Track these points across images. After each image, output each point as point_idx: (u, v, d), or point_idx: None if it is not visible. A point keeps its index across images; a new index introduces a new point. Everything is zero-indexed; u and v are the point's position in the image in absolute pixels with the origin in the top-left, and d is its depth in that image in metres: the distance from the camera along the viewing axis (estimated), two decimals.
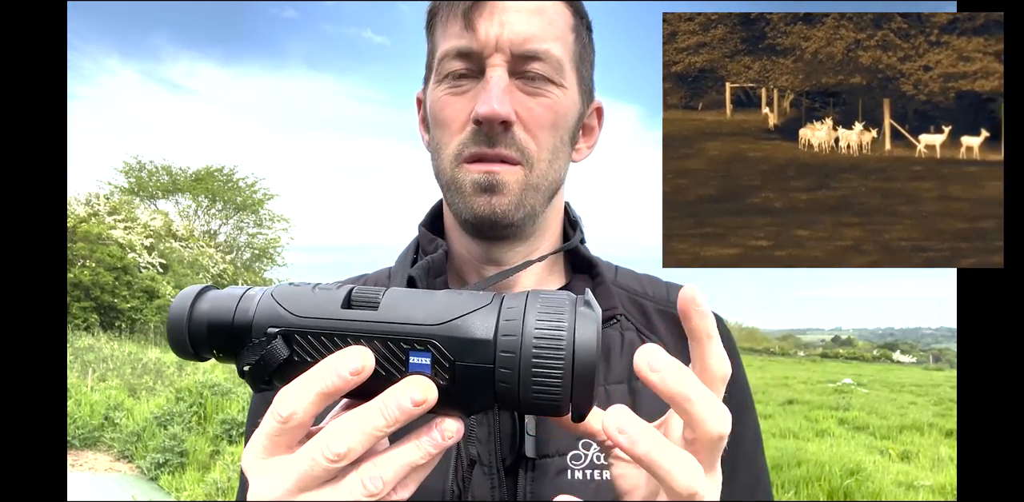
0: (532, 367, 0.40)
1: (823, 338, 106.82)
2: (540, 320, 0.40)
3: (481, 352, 0.40)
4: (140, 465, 6.62)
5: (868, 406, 12.79)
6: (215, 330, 0.45)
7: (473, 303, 0.42)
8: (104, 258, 18.28)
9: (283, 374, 0.43)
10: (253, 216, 33.52)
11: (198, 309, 0.45)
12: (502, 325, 0.41)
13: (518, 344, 0.40)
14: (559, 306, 0.41)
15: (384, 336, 0.41)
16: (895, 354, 43.00)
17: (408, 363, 0.41)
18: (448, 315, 0.41)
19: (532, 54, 0.66)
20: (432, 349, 0.41)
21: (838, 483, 6.53)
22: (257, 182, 33.36)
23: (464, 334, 0.41)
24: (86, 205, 20.82)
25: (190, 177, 32.29)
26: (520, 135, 0.67)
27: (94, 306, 17.85)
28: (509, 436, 0.65)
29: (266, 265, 33.73)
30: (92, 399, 8.51)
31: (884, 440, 9.57)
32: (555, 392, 0.40)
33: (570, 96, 0.70)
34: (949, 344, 77.79)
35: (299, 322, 0.42)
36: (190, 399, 8.05)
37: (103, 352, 13.43)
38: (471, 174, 0.67)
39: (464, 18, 0.66)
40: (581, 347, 0.40)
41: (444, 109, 0.69)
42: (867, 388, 17.49)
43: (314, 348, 0.42)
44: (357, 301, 0.43)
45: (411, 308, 0.42)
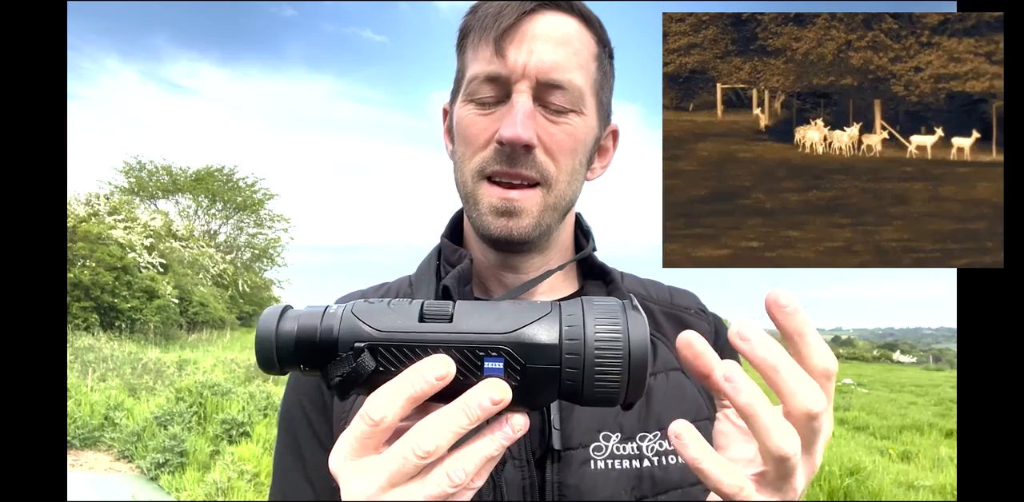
0: (595, 366, 0.46)
1: (823, 338, 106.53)
2: (599, 325, 0.47)
3: (548, 355, 0.46)
4: (140, 465, 6.62)
5: (868, 406, 12.79)
6: (302, 346, 0.49)
7: (536, 312, 0.48)
8: (104, 258, 18.28)
9: (369, 384, 0.48)
10: (253, 216, 33.54)
11: (283, 327, 0.50)
12: (565, 331, 0.47)
13: (581, 347, 0.46)
14: (613, 312, 0.47)
15: (460, 345, 0.47)
16: (895, 354, 43.01)
17: (483, 368, 0.47)
18: (516, 324, 0.47)
19: (556, 83, 0.71)
20: (504, 355, 0.47)
21: (838, 483, 6.53)
22: (257, 182, 33.39)
23: (532, 340, 0.47)
24: (86, 205, 20.81)
25: (190, 177, 32.30)
26: (541, 158, 0.72)
27: (94, 306, 17.85)
28: (537, 431, 0.70)
29: (266, 265, 33.76)
30: (92, 399, 8.51)
31: (884, 440, 9.57)
32: (614, 386, 0.46)
33: (588, 122, 0.75)
34: (949, 344, 77.79)
35: (382, 336, 0.48)
36: (190, 399, 8.05)
37: (103, 352, 13.43)
38: (489, 197, 0.73)
39: (495, 44, 0.70)
40: (635, 347, 0.46)
41: (470, 127, 0.74)
42: (867, 388, 17.49)
43: (398, 359, 0.47)
44: (431, 315, 0.48)
45: (481, 319, 0.48)
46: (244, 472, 5.79)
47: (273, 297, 33.20)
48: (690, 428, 0.47)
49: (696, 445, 0.46)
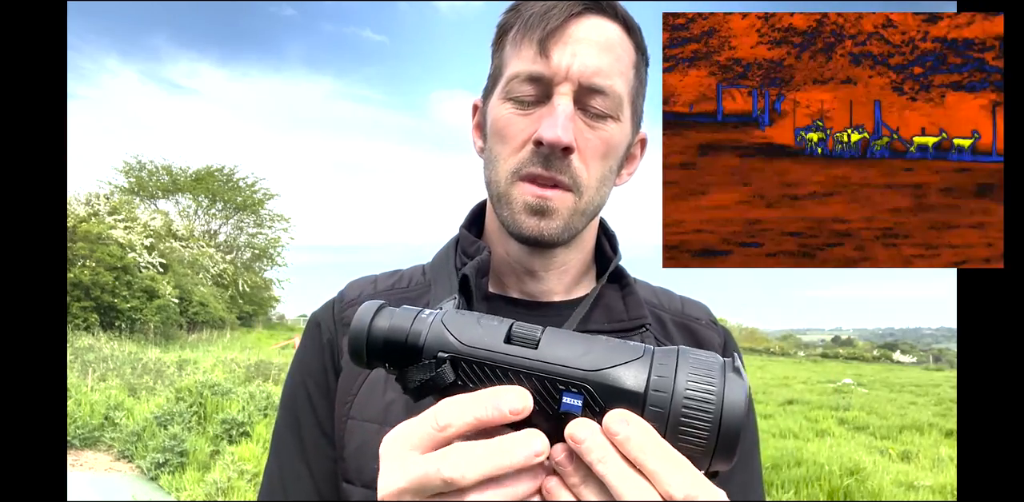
0: (679, 425, 0.43)
1: (823, 338, 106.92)
2: (691, 381, 0.44)
3: (630, 402, 0.44)
4: (140, 465, 6.62)
5: (868, 406, 12.79)
6: (390, 346, 0.49)
7: (627, 354, 0.46)
8: (104, 258, 18.28)
9: (444, 394, 0.48)
10: (253, 216, 33.54)
11: (376, 325, 0.50)
12: (653, 380, 0.44)
13: (667, 401, 0.43)
14: (710, 369, 0.44)
15: (541, 375, 0.45)
16: (895, 354, 43.02)
17: (561, 402, 0.45)
18: (603, 363, 0.45)
19: (598, 88, 0.70)
20: (585, 393, 0.45)
21: (838, 483, 6.53)
22: (257, 182, 33.39)
23: (617, 383, 0.44)
24: (86, 205, 20.81)
25: (190, 177, 32.30)
26: (576, 163, 0.71)
27: (94, 306, 17.85)
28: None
29: (266, 265, 33.77)
30: (92, 399, 8.50)
31: (884, 440, 9.57)
32: (697, 451, 0.43)
33: (624, 129, 0.75)
34: (949, 344, 77.82)
35: (466, 350, 0.47)
36: (190, 399, 8.05)
37: (103, 352, 13.42)
38: (524, 195, 0.72)
39: (540, 45, 0.70)
40: (729, 411, 0.42)
41: (508, 126, 0.73)
42: (867, 388, 17.49)
43: (477, 376, 0.47)
44: (518, 338, 0.47)
45: (567, 351, 0.46)
46: (244, 472, 5.79)
47: (273, 297, 33.24)
48: (593, 428, 0.45)
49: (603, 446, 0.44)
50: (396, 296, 0.82)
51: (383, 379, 0.74)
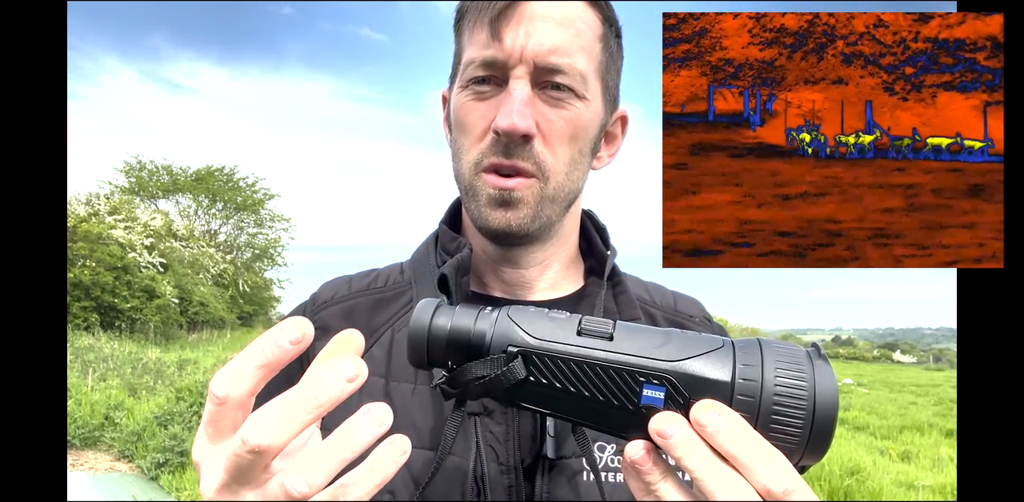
0: (772, 414, 0.41)
1: (823, 338, 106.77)
2: (781, 369, 0.42)
3: (717, 392, 0.42)
4: (140, 465, 6.62)
5: (868, 406, 12.78)
6: (454, 344, 0.47)
7: (707, 345, 0.44)
8: (104, 258, 18.26)
9: (512, 393, 0.45)
10: (253, 216, 33.49)
11: (437, 323, 0.47)
12: (740, 369, 0.42)
13: (757, 390, 0.41)
14: (796, 357, 0.43)
15: (620, 367, 0.43)
16: (895, 354, 42.96)
17: (641, 396, 0.43)
18: (682, 354, 0.43)
19: (555, 67, 0.66)
20: (667, 384, 0.42)
21: (838, 483, 6.53)
22: (257, 182, 33.34)
23: (701, 373, 0.42)
24: (86, 205, 20.79)
25: (190, 177, 32.25)
26: (538, 148, 0.67)
27: (94, 306, 17.84)
28: (529, 437, 0.66)
29: (266, 265, 33.72)
30: (92, 399, 8.50)
31: (884, 440, 9.56)
32: (791, 441, 0.41)
33: (592, 108, 0.71)
34: (949, 344, 77.69)
35: (538, 344, 0.45)
36: (190, 399, 8.04)
37: (103, 352, 13.42)
38: (487, 188, 0.68)
39: (491, 26, 0.66)
40: (823, 401, 0.41)
41: (467, 115, 0.70)
42: (867, 388, 17.47)
43: (551, 371, 0.44)
44: (589, 331, 0.45)
45: (644, 343, 0.44)
46: None
47: (273, 297, 33.19)
48: (681, 422, 0.42)
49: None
50: (372, 296, 0.78)
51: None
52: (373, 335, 0.74)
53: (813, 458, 0.42)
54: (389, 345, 0.73)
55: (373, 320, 0.75)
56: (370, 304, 0.77)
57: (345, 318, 0.75)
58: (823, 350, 0.44)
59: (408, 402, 0.68)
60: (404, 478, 0.64)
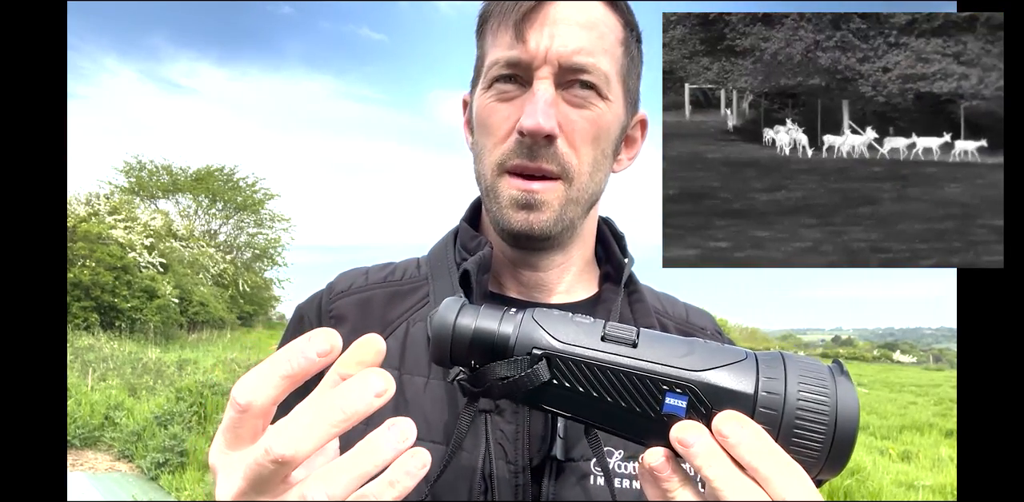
0: (793, 429, 0.41)
1: (823, 338, 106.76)
2: (804, 384, 0.42)
3: (739, 404, 0.42)
4: (140, 465, 6.62)
5: (868, 406, 12.78)
6: (477, 344, 0.47)
7: (731, 356, 0.44)
8: (104, 258, 18.26)
9: (534, 395, 0.46)
10: (253, 216, 33.50)
11: (461, 323, 0.48)
12: (763, 382, 0.42)
13: (780, 404, 0.42)
14: (819, 372, 0.43)
15: (644, 374, 0.44)
16: (895, 354, 42.98)
17: (663, 404, 0.43)
18: (708, 364, 0.44)
19: (579, 67, 0.67)
20: (690, 394, 0.43)
21: (838, 483, 6.53)
22: (257, 182, 33.34)
23: (724, 384, 0.43)
24: (86, 205, 20.79)
25: (190, 177, 32.26)
26: (562, 149, 0.68)
27: (94, 306, 17.84)
28: (539, 438, 0.66)
29: (266, 265, 33.72)
30: (92, 399, 8.50)
31: (884, 440, 9.56)
32: (812, 456, 0.41)
33: (614, 109, 0.71)
34: (949, 344, 77.70)
35: (563, 348, 0.45)
36: (190, 399, 8.04)
37: (103, 352, 13.42)
38: (510, 189, 0.68)
39: (515, 28, 0.66)
40: (845, 417, 0.41)
41: (490, 116, 0.70)
42: (867, 388, 17.47)
43: (574, 375, 0.45)
44: (614, 337, 0.46)
45: (669, 351, 0.45)
46: None
47: (273, 297, 33.22)
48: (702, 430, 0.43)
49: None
50: (388, 289, 0.78)
51: None
52: (388, 328, 0.74)
53: (831, 473, 0.42)
54: (403, 338, 0.73)
55: (388, 313, 0.76)
56: (386, 296, 0.77)
57: (360, 309, 0.76)
58: (845, 366, 0.44)
59: (420, 395, 0.69)
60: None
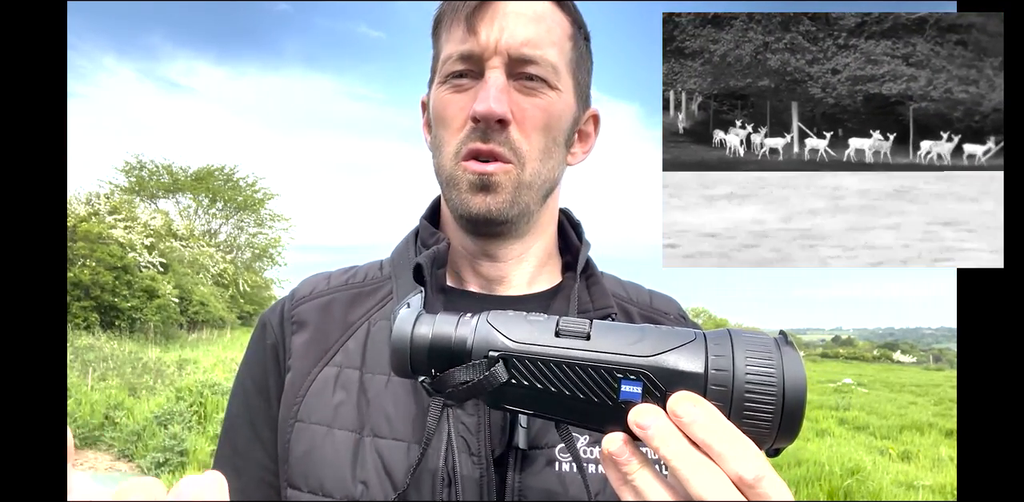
0: (744, 402, 0.43)
1: (823, 338, 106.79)
2: (751, 358, 0.44)
3: (691, 385, 0.44)
4: (140, 464, 6.63)
5: (868, 406, 12.79)
6: (436, 352, 0.49)
7: (680, 338, 0.46)
8: (104, 257, 18.27)
9: (497, 396, 0.47)
10: (253, 216, 33.54)
11: (418, 332, 0.49)
12: (712, 360, 0.44)
13: (730, 379, 0.43)
14: (766, 346, 0.45)
15: (597, 365, 0.45)
16: (895, 354, 43.00)
17: (620, 391, 0.45)
18: (657, 349, 0.45)
19: (528, 58, 0.70)
20: (644, 379, 0.44)
21: (838, 483, 6.53)
22: (257, 182, 33.38)
23: (675, 366, 0.44)
24: (86, 204, 20.80)
25: (190, 176, 32.29)
26: (514, 135, 0.70)
27: (94, 305, 17.85)
28: (499, 428, 0.68)
29: (266, 265, 33.77)
30: (92, 398, 8.51)
31: (884, 440, 9.57)
32: (764, 427, 0.43)
33: (564, 99, 0.74)
34: (949, 344, 77.75)
35: (517, 348, 0.47)
36: (190, 398, 8.05)
37: (103, 351, 13.43)
38: (467, 174, 0.70)
39: (466, 22, 0.70)
40: (792, 386, 0.43)
41: (446, 108, 0.73)
42: (867, 388, 17.49)
43: (531, 373, 0.46)
44: (567, 332, 0.47)
45: (619, 340, 0.46)
46: None
47: (273, 297, 33.22)
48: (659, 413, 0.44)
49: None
50: (350, 292, 0.80)
51: (332, 380, 0.72)
52: (349, 329, 0.76)
53: (786, 441, 0.44)
54: (365, 338, 0.75)
55: (350, 314, 0.77)
56: (348, 299, 0.79)
57: (322, 313, 0.77)
58: (789, 337, 0.46)
59: (382, 394, 0.70)
60: (376, 468, 0.66)
